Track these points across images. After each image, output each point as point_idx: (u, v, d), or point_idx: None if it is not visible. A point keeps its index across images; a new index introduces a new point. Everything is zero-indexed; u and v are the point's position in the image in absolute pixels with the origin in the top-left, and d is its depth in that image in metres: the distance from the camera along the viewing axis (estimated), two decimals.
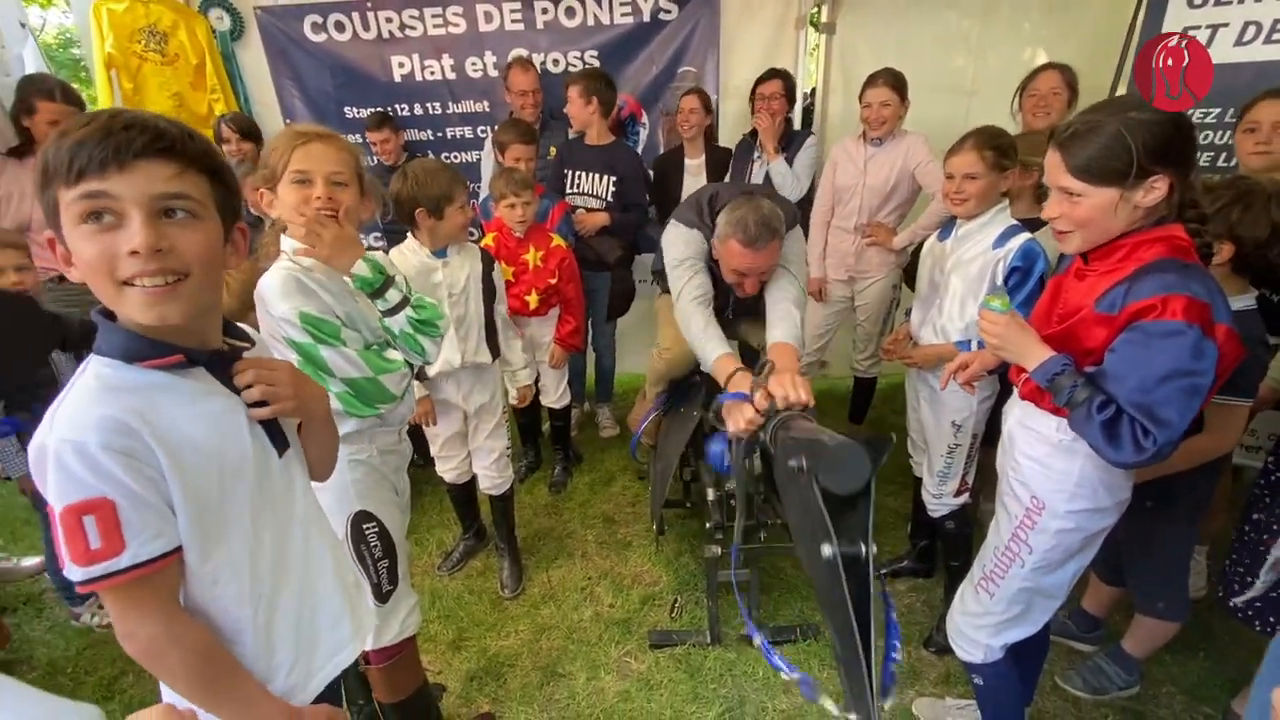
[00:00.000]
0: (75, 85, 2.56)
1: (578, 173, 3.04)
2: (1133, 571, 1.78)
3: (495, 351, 2.10)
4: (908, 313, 2.10)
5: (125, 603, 0.74)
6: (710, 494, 1.94)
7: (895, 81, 2.61)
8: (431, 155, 3.60)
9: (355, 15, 3.30)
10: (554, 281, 2.64)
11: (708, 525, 1.96)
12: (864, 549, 1.03)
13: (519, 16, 3.31)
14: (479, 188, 3.36)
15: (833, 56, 3.34)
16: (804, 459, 1.11)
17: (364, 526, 1.32)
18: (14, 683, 1.01)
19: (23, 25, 2.52)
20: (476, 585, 2.39)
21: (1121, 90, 2.86)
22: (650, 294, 3.62)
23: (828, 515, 1.01)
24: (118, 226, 0.69)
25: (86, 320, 1.96)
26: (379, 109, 3.36)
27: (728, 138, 3.37)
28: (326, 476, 1.03)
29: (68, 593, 2.22)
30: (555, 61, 3.38)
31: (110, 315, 0.75)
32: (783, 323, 1.81)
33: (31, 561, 2.51)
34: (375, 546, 1.33)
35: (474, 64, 3.42)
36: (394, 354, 1.31)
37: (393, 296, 1.32)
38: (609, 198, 3.08)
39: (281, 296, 1.15)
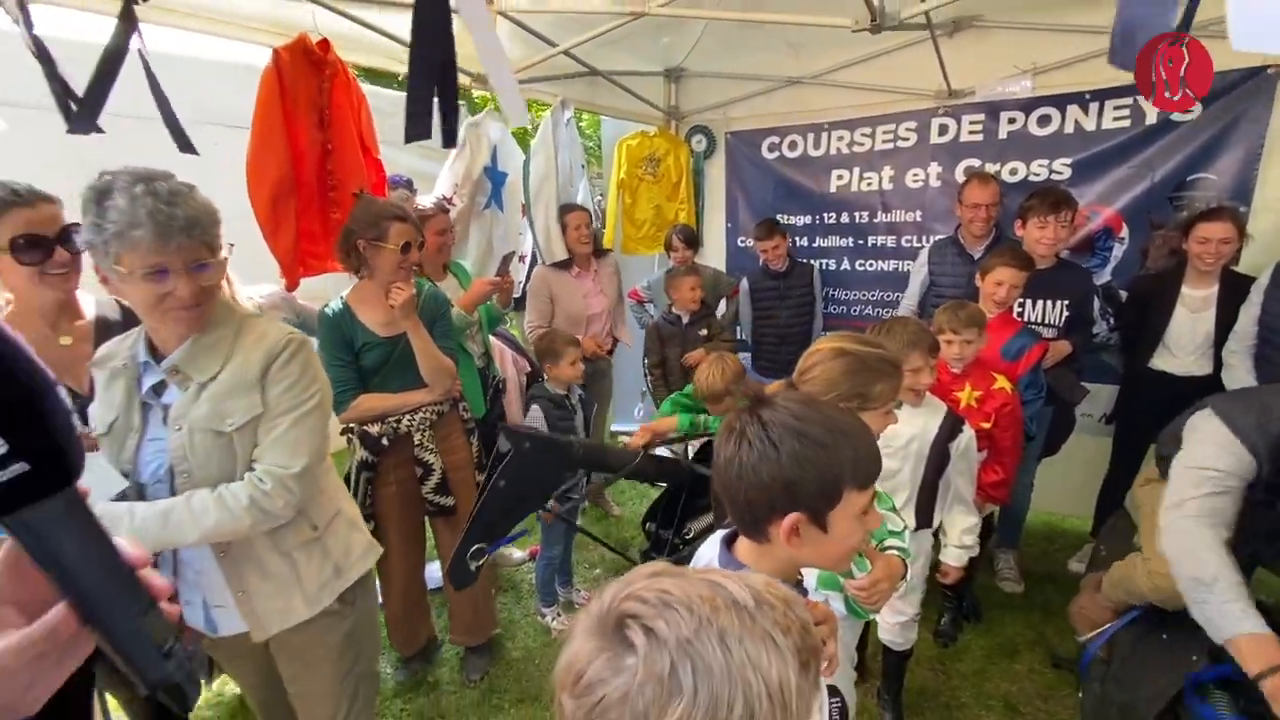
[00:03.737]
0: None
1: (1022, 301, 2.73)
2: None
3: (926, 520, 2.00)
4: None
5: None
6: None
7: None
8: (847, 262, 3.72)
9: (810, 135, 3.62)
10: (987, 426, 2.41)
11: None
12: None
13: (979, 128, 3.17)
14: (900, 297, 3.32)
15: None
16: None
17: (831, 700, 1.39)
18: None
19: (583, 167, 3.46)
20: None
21: None
22: (1091, 430, 3.06)
23: None
24: None
25: (589, 444, 2.55)
26: (770, 218, 3.54)
27: (1252, 263, 2.61)
28: None
29: (545, 590, 2.91)
30: (1013, 171, 3.13)
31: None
32: None
33: (520, 554, 3.38)
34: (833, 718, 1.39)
35: (915, 175, 3.40)
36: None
37: None
38: (1061, 324, 2.70)
39: None
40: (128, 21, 1.57)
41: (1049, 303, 2.68)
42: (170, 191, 1.11)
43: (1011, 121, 3.07)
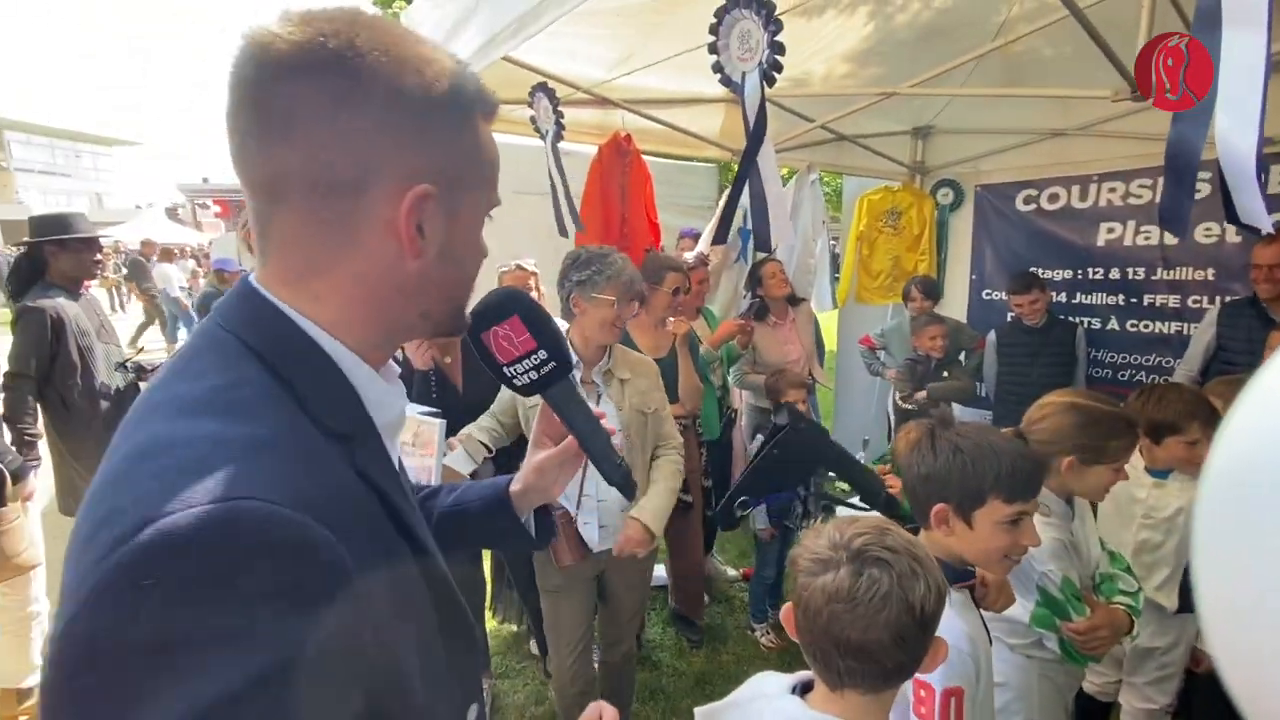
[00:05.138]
0: None
1: None
2: None
3: (1191, 604, 1.85)
4: None
5: None
6: None
7: None
8: (1115, 321, 3.42)
9: (1075, 187, 3.46)
10: None
11: None
12: None
13: None
14: (1178, 364, 2.98)
15: None
16: None
17: None
18: None
19: (824, 223, 3.77)
20: None
21: None
22: None
23: None
24: None
25: (843, 450, 2.80)
26: (1030, 271, 3.35)
27: None
28: None
29: (757, 607, 3.19)
30: None
31: None
32: None
33: (734, 573, 3.71)
34: None
35: (1208, 229, 3.05)
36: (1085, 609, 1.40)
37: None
38: None
39: (1051, 556, 1.39)
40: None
41: None
42: (627, 259, 1.88)
43: None
